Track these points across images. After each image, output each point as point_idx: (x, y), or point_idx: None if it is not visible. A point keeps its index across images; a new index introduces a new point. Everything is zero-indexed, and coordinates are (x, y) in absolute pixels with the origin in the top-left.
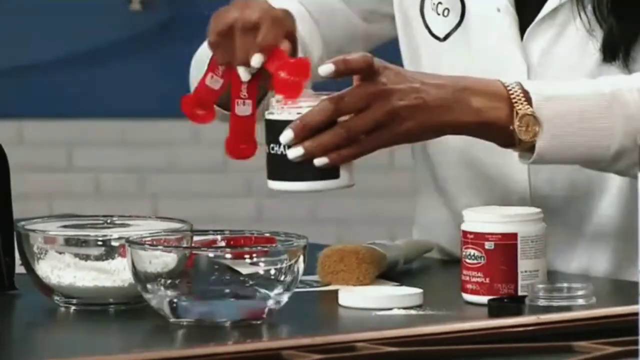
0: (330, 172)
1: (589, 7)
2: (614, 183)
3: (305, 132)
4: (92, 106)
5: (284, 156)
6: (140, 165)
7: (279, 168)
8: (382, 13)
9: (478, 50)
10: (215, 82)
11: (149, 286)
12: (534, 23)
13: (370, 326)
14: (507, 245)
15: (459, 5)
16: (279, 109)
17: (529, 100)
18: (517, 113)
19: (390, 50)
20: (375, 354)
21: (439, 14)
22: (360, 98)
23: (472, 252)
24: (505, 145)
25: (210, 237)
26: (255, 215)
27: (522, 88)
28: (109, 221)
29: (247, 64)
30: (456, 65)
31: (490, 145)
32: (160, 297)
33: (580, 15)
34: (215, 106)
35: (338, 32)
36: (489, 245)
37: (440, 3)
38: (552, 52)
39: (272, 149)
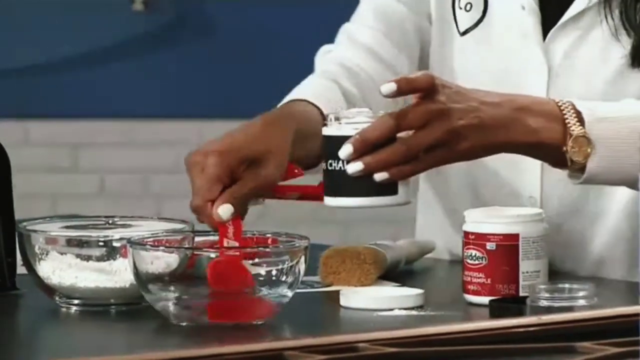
0: (388, 189)
1: (616, 12)
2: (624, 189)
3: (365, 147)
4: (96, 107)
5: (342, 172)
6: (144, 166)
7: (337, 184)
8: None
9: (499, 47)
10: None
11: (150, 287)
12: (557, 25)
13: (372, 327)
14: (508, 246)
15: (482, 0)
16: (337, 124)
17: (581, 120)
18: (570, 134)
19: None
20: (377, 354)
21: (460, 8)
22: (420, 115)
23: (474, 252)
24: (557, 165)
25: (212, 237)
26: (257, 216)
27: (574, 108)
28: (110, 222)
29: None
30: (478, 62)
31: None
32: (161, 298)
33: (607, 20)
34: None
35: (414, 41)
36: (490, 245)
37: None
38: (574, 55)
39: (330, 165)
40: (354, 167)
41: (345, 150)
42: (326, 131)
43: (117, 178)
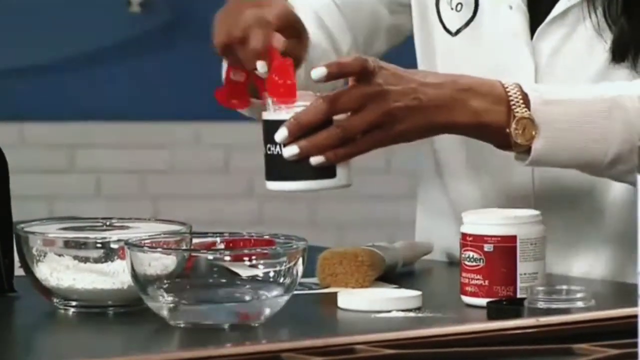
0: (327, 172)
1: (600, 9)
2: (618, 185)
3: (300, 130)
4: (93, 108)
5: (280, 156)
6: (141, 167)
7: (276, 168)
8: (407, 4)
9: (488, 46)
10: (239, 76)
11: (148, 288)
12: (544, 23)
13: (369, 328)
14: (506, 248)
15: (473, 0)
16: (275, 109)
17: (527, 103)
18: (514, 116)
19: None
20: (374, 356)
21: (452, 9)
22: (356, 98)
23: (471, 254)
24: (502, 147)
25: (210, 239)
26: (255, 217)
27: (521, 90)
28: (108, 223)
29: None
30: (468, 61)
31: (494, 147)
32: (159, 300)
33: (590, 16)
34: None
35: (364, 23)
36: (488, 247)
37: None
38: (560, 52)
39: (269, 149)
40: (290, 151)
41: (281, 134)
42: (265, 115)
43: (114, 179)
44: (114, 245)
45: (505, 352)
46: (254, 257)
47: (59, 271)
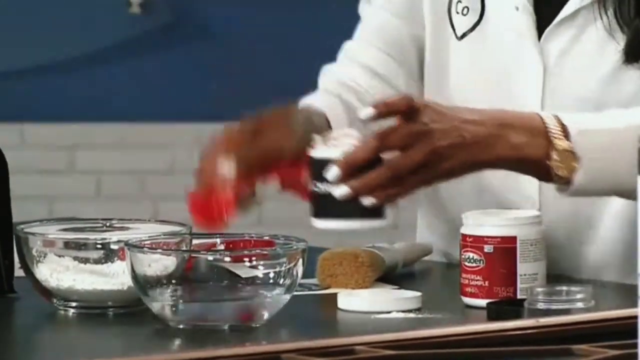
0: (375, 212)
1: (611, 10)
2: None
3: (350, 169)
4: (93, 109)
5: (328, 195)
6: (141, 168)
7: (324, 206)
8: None
9: (496, 49)
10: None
11: (148, 289)
12: (553, 24)
13: (369, 329)
14: (506, 249)
15: (479, 4)
16: (323, 146)
17: (566, 134)
18: (554, 148)
19: None
20: (374, 357)
21: (457, 13)
22: (403, 136)
23: (471, 255)
24: (543, 179)
25: (210, 240)
26: (255, 218)
27: (559, 122)
28: (108, 224)
29: None
30: (475, 64)
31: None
32: (159, 301)
33: (601, 17)
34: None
35: (410, 53)
36: (488, 248)
37: (459, 2)
38: (569, 54)
39: (316, 186)
40: (341, 191)
41: (333, 173)
42: (313, 153)
43: (114, 180)
44: (114, 246)
45: (505, 352)
46: (254, 258)
47: (59, 272)
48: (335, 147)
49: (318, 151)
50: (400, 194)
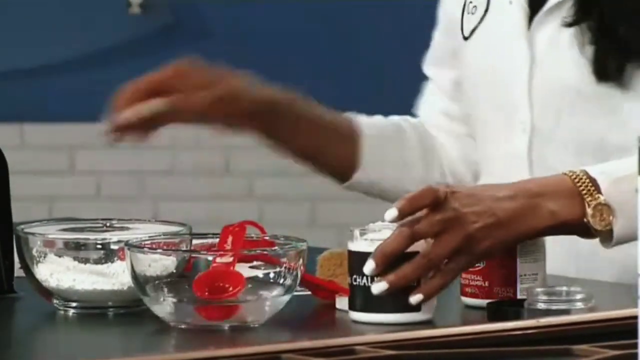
0: (412, 306)
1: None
2: None
3: (386, 261)
4: (93, 109)
5: (366, 288)
6: (141, 168)
7: (362, 299)
8: None
9: (492, 45)
10: None
11: (148, 289)
12: (539, 13)
13: (369, 329)
14: (506, 249)
15: (485, 1)
16: (362, 240)
17: (597, 187)
18: (588, 205)
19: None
20: (374, 357)
21: (468, 13)
22: (434, 224)
23: None
24: (585, 236)
25: (210, 240)
26: (255, 219)
27: (588, 176)
28: (108, 224)
29: None
30: (476, 62)
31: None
32: (159, 301)
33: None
34: None
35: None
36: None
37: (470, 2)
38: (557, 42)
39: (355, 280)
40: (379, 288)
41: (369, 267)
42: (351, 246)
43: (114, 180)
44: (114, 247)
45: (505, 353)
46: (254, 258)
47: (59, 272)
48: (373, 240)
49: (357, 244)
50: (443, 285)
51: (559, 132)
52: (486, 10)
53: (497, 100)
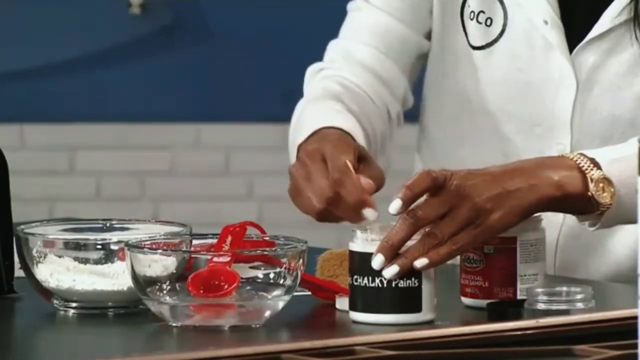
0: (413, 306)
1: None
2: None
3: (394, 251)
4: (93, 110)
5: (366, 288)
6: (141, 169)
7: (362, 300)
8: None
9: (521, 60)
10: None
11: (148, 290)
12: (584, 41)
13: (369, 330)
14: (506, 249)
15: (502, 14)
16: (363, 240)
17: (597, 165)
18: (591, 179)
19: None
20: (374, 357)
21: (480, 23)
22: (438, 205)
23: (471, 256)
24: (582, 213)
25: (210, 240)
26: (256, 219)
27: (585, 156)
28: (108, 225)
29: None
30: (496, 76)
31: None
32: (159, 301)
33: (637, 38)
34: None
35: (413, 62)
36: (488, 249)
37: (482, 12)
38: (602, 69)
39: (355, 280)
40: (391, 272)
41: (378, 261)
42: (352, 246)
43: (114, 181)
44: (114, 247)
45: (505, 353)
46: (254, 259)
47: (59, 272)
48: (374, 240)
49: (358, 244)
50: (452, 253)
51: None
52: (505, 25)
53: (521, 114)
